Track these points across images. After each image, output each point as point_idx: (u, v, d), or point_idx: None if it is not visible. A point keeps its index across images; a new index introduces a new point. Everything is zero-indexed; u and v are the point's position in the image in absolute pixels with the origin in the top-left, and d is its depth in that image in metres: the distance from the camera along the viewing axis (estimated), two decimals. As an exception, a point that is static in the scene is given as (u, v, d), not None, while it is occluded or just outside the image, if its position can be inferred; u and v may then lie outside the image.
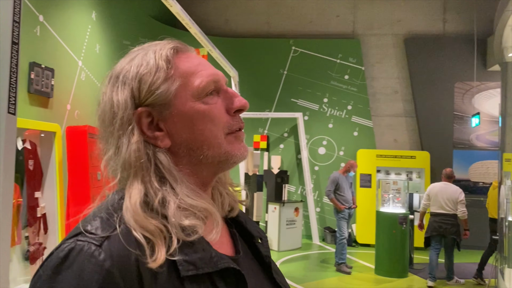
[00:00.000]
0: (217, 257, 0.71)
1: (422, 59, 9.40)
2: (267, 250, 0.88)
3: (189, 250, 0.68)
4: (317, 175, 9.68)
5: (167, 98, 0.75)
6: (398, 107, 9.64)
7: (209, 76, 0.77)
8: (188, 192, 0.73)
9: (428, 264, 6.30)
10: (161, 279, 0.65)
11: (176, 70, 0.76)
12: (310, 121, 9.67)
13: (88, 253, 0.63)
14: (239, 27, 10.21)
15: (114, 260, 0.63)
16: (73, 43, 5.54)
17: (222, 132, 0.77)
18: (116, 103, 0.74)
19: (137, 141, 0.73)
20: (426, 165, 9.03)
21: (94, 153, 4.99)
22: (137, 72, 0.75)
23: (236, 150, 0.78)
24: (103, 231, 0.66)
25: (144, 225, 0.66)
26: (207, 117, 0.76)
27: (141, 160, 0.72)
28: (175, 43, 0.80)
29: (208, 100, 0.77)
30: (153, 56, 0.76)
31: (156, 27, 8.41)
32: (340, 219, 6.64)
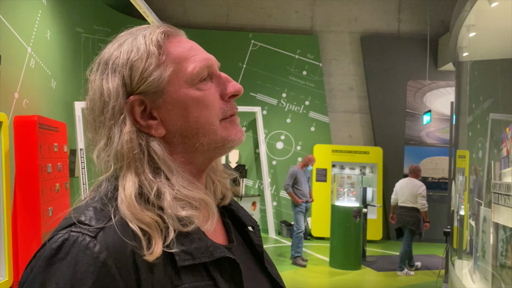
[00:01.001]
0: (213, 246, 0.70)
1: (377, 57, 9.65)
2: (259, 239, 0.88)
3: (185, 240, 0.68)
4: (275, 169, 9.75)
5: (160, 85, 0.72)
6: (354, 103, 9.87)
7: (203, 61, 0.76)
8: (183, 183, 0.72)
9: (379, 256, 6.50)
10: (157, 270, 0.64)
11: (168, 55, 0.74)
12: (269, 115, 9.71)
13: (82, 244, 0.62)
14: (197, 18, 10.07)
15: (109, 251, 0.62)
16: (22, 28, 5.25)
17: (217, 118, 0.76)
18: (106, 92, 0.71)
19: (130, 131, 0.71)
20: (379, 161, 9.32)
21: (44, 145, 4.77)
22: (127, 58, 0.72)
23: (232, 135, 0.78)
24: (98, 222, 0.65)
25: (140, 217, 0.65)
26: (201, 104, 0.74)
27: (134, 151, 0.70)
28: (165, 27, 0.78)
29: (202, 86, 0.75)
30: (143, 41, 0.73)
31: (111, 15, 8.13)
32: (297, 213, 6.72)
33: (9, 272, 4.50)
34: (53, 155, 5.02)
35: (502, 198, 2.62)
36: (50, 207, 4.91)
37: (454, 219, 4.29)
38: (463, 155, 4.03)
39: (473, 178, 3.67)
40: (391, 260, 7.50)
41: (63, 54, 6.34)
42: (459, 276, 3.63)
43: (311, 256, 7.45)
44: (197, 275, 0.67)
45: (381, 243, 9.03)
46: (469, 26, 3.38)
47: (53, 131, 5.07)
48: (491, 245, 2.94)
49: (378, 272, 6.59)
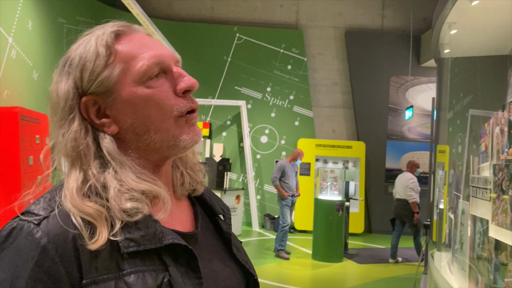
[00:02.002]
0: (162, 233, 0.72)
1: (361, 53, 9.74)
2: (229, 226, 0.90)
3: (132, 229, 0.70)
4: (259, 163, 9.79)
5: (108, 85, 0.74)
6: (337, 98, 9.95)
7: (151, 59, 0.75)
8: (133, 176, 0.74)
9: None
10: (102, 256, 0.67)
11: (117, 55, 0.75)
12: (253, 109, 9.73)
13: (27, 231, 0.66)
14: (182, 11, 9.99)
15: (50, 237, 0.66)
16: (3, 18, 5.15)
17: (170, 116, 0.76)
18: (60, 93, 0.75)
19: (76, 130, 0.74)
20: (362, 155, 9.43)
21: (26, 137, 4.71)
22: (79, 60, 0.75)
23: (185, 134, 0.77)
24: (43, 211, 0.69)
25: (81, 209, 0.68)
26: (151, 101, 0.75)
27: (78, 148, 0.73)
28: (117, 26, 0.78)
29: (152, 83, 0.75)
30: (94, 43, 0.75)
31: (94, 6, 8.02)
32: (283, 207, 6.76)
33: (-10, 265, 4.44)
34: (35, 147, 4.96)
35: (480, 192, 2.70)
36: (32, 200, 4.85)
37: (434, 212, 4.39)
38: (443, 150, 4.12)
39: (451, 173, 3.76)
40: (373, 253, 7.63)
41: (45, 45, 6.24)
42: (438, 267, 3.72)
43: (294, 249, 7.52)
44: (146, 260, 0.70)
45: (363, 236, 9.16)
46: (450, 24, 3.45)
47: (34, 122, 5.00)
48: (469, 237, 3.03)
49: (359, 265, 6.70)
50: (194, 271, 0.74)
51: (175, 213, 0.81)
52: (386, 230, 9.40)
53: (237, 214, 8.42)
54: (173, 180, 0.85)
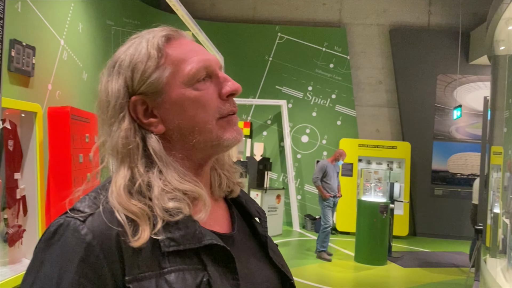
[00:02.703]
0: (201, 233, 0.74)
1: (406, 50, 9.47)
2: (265, 229, 0.91)
3: (173, 228, 0.72)
4: (299, 163, 9.72)
5: (158, 86, 0.78)
6: (382, 97, 9.72)
7: (200, 62, 0.79)
8: (176, 176, 0.76)
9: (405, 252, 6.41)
10: (144, 254, 0.69)
11: (167, 58, 0.79)
12: (294, 109, 9.67)
13: (73, 228, 0.69)
14: (225, 11, 10.07)
15: (95, 234, 0.68)
16: (55, 21, 5.37)
17: (213, 117, 0.79)
18: (110, 92, 0.78)
19: (126, 128, 0.76)
20: (407, 156, 9.17)
21: (76, 135, 4.89)
22: (130, 61, 0.78)
23: (227, 134, 0.80)
24: (89, 208, 0.71)
25: (127, 207, 0.71)
26: (197, 103, 0.78)
27: (128, 146, 0.76)
28: (168, 31, 0.82)
29: (199, 86, 0.79)
30: (146, 45, 0.78)
31: (140, 8, 8.22)
32: (324, 207, 6.68)
33: (42, 258, 4.64)
34: (85, 146, 5.13)
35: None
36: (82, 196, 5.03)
37: (488, 217, 4.19)
38: (498, 151, 3.92)
39: (507, 175, 3.57)
40: (418, 256, 7.40)
41: (94, 47, 6.45)
42: (492, 274, 3.55)
43: (336, 250, 7.42)
44: (186, 260, 0.71)
45: (408, 239, 8.91)
46: (507, 19, 3.27)
47: (84, 122, 5.18)
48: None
49: (404, 268, 6.52)
50: (232, 272, 0.75)
51: (212, 214, 0.82)
52: (431, 233, 9.12)
53: (278, 214, 8.40)
54: (211, 181, 0.88)
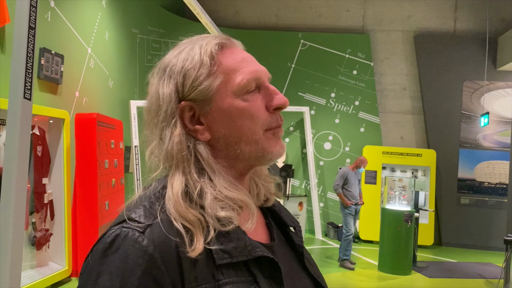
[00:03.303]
0: (251, 245, 0.73)
1: (431, 57, 9.33)
2: (300, 239, 0.90)
3: (224, 239, 0.71)
4: (322, 170, 9.66)
5: (208, 94, 0.77)
6: (406, 104, 9.59)
7: (251, 74, 0.79)
8: (225, 184, 0.76)
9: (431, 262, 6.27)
10: (200, 265, 0.69)
11: (219, 66, 0.78)
12: (317, 115, 9.63)
13: (132, 239, 0.67)
14: (248, 19, 10.14)
15: (156, 245, 0.67)
16: (83, 30, 5.50)
17: (261, 129, 0.79)
18: (161, 96, 0.78)
19: (180, 134, 0.76)
20: (432, 164, 9.00)
21: (102, 141, 4.98)
22: (182, 66, 0.77)
23: (272, 147, 0.80)
24: (146, 219, 0.70)
25: (184, 215, 0.70)
26: (245, 114, 0.77)
27: (182, 152, 0.76)
28: (221, 39, 0.82)
29: (248, 97, 0.78)
30: (199, 52, 0.78)
31: (165, 16, 8.35)
32: (346, 215, 6.61)
33: (68, 261, 4.74)
34: (110, 151, 5.22)
35: None
36: (107, 201, 5.11)
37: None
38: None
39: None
40: (444, 266, 7.23)
41: (120, 54, 6.58)
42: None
43: (359, 259, 7.32)
44: (238, 272, 0.71)
45: (433, 248, 8.72)
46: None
47: (110, 128, 5.27)
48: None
49: (429, 279, 6.37)
50: (278, 283, 0.74)
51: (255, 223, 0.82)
52: (458, 243, 8.91)
53: (300, 221, 8.33)
54: (250, 191, 0.87)
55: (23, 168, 1.99)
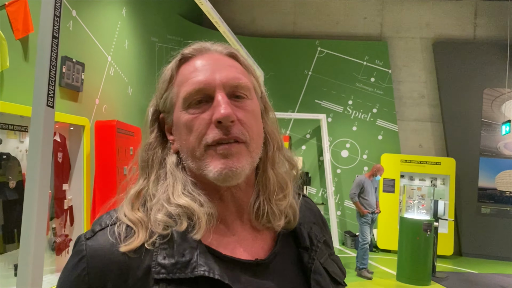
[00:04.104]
0: (196, 263, 0.69)
1: (450, 64, 9.22)
2: (311, 260, 0.80)
3: (169, 251, 0.70)
4: (339, 178, 9.59)
5: (168, 106, 0.80)
6: (424, 111, 9.48)
7: (193, 85, 0.75)
8: (179, 191, 0.75)
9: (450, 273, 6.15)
10: (135, 275, 0.69)
11: (176, 79, 0.80)
12: (334, 123, 9.59)
13: (79, 243, 0.74)
14: (265, 27, 10.19)
15: (88, 252, 0.71)
16: (104, 38, 5.60)
17: (202, 144, 0.73)
18: (148, 108, 0.85)
19: (151, 142, 0.81)
20: (452, 172, 8.85)
21: (121, 148, 5.04)
22: (159, 79, 0.83)
23: (212, 166, 0.73)
24: (99, 226, 0.75)
25: (129, 216, 0.73)
26: (187, 128, 0.75)
27: (149, 158, 0.79)
28: (189, 50, 0.82)
29: (192, 110, 0.76)
30: (168, 66, 0.82)
31: (183, 25, 8.45)
32: (363, 224, 6.55)
33: (87, 267, 4.78)
34: (129, 158, 5.28)
35: None
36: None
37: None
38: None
39: None
40: (464, 277, 7.08)
41: (139, 63, 6.67)
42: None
43: (377, 268, 7.22)
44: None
45: (452, 259, 8.56)
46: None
47: (129, 135, 5.34)
48: None
49: (449, 290, 6.25)
50: None
51: (246, 241, 0.78)
52: (478, 254, 8.72)
53: (317, 229, 8.28)
54: (257, 212, 0.80)
55: (45, 174, 2.02)
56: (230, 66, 0.79)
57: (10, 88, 3.86)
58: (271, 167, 0.82)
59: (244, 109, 0.76)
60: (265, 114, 0.85)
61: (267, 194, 0.81)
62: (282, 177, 0.83)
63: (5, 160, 3.69)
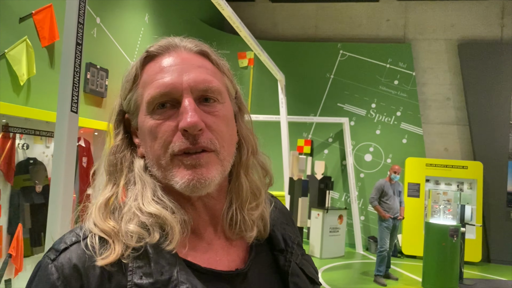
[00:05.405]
0: (177, 281, 0.64)
1: (476, 66, 9.00)
2: (287, 263, 0.78)
3: (146, 269, 0.64)
4: (363, 182, 9.46)
5: (132, 107, 0.74)
6: (450, 114, 9.28)
7: (158, 88, 0.69)
8: (149, 198, 0.69)
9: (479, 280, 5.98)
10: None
11: (141, 79, 0.73)
12: (357, 126, 9.48)
13: (43, 269, 0.66)
14: (286, 31, 10.18)
15: (59, 273, 0.64)
16: (127, 44, 5.69)
17: (168, 153, 0.68)
18: (114, 108, 0.77)
19: (117, 145, 0.73)
20: (479, 176, 8.63)
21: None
22: (123, 77, 0.76)
23: (178, 176, 0.68)
24: (64, 243, 0.67)
25: (101, 226, 0.66)
26: (152, 134, 0.69)
27: (117, 162, 0.72)
28: (154, 47, 0.75)
29: (157, 115, 0.70)
30: (134, 63, 0.75)
31: (205, 30, 8.52)
32: (383, 230, 6.38)
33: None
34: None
35: None
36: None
37: None
38: None
39: None
40: (493, 285, 6.87)
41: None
42: None
43: (402, 275, 7.08)
44: None
45: (480, 265, 8.32)
46: None
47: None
48: None
49: (477, 297, 6.08)
50: None
51: (223, 250, 0.75)
52: (507, 260, 8.46)
53: (340, 235, 8.19)
54: (231, 221, 0.77)
55: (69, 177, 2.05)
56: (199, 67, 0.72)
57: (37, 94, 3.95)
58: (245, 173, 0.78)
59: (214, 114, 0.71)
60: (239, 116, 0.80)
61: (240, 203, 0.77)
62: (256, 184, 0.79)
63: (32, 165, 3.78)
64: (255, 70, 9.35)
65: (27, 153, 3.73)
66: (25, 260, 3.72)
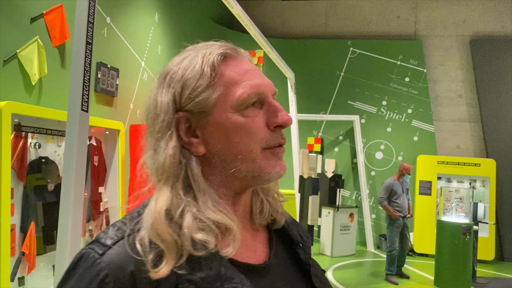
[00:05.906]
0: (225, 276, 0.67)
1: (489, 62, 8.89)
2: (307, 255, 0.85)
3: (195, 266, 0.66)
4: (374, 180, 9.41)
5: (206, 106, 0.73)
6: (462, 111, 9.18)
7: (252, 88, 0.74)
8: (210, 204, 0.71)
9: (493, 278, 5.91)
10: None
11: (220, 78, 0.74)
12: (367, 124, 9.42)
13: (90, 261, 0.65)
14: (296, 28, 10.15)
15: (110, 269, 0.63)
16: (137, 44, 5.72)
17: (258, 147, 0.74)
18: (159, 105, 0.74)
19: (174, 147, 0.72)
20: (492, 174, 8.52)
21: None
22: (182, 75, 0.74)
23: (270, 167, 0.75)
24: (111, 240, 0.67)
25: (161, 233, 0.66)
26: (243, 130, 0.73)
27: (174, 166, 0.71)
28: (226, 48, 0.77)
29: (247, 112, 0.74)
30: (201, 61, 0.74)
31: (215, 29, 8.53)
32: (392, 229, 6.32)
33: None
34: (162, 161, 5.37)
35: None
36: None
37: None
38: None
39: None
40: (507, 283, 6.79)
41: (171, 67, 6.78)
42: None
43: (413, 273, 7.02)
44: None
45: (494, 264, 8.22)
46: None
47: (162, 138, 5.42)
48: None
49: (491, 296, 6.01)
50: None
51: (250, 243, 0.78)
52: (522, 259, 8.35)
53: (351, 233, 8.16)
54: (252, 208, 0.83)
55: (80, 176, 2.07)
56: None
57: (48, 94, 3.99)
58: None
59: None
60: None
61: (267, 194, 0.85)
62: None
63: (44, 164, 3.82)
64: (265, 68, 9.33)
65: (39, 152, 3.77)
66: (38, 258, 3.76)
